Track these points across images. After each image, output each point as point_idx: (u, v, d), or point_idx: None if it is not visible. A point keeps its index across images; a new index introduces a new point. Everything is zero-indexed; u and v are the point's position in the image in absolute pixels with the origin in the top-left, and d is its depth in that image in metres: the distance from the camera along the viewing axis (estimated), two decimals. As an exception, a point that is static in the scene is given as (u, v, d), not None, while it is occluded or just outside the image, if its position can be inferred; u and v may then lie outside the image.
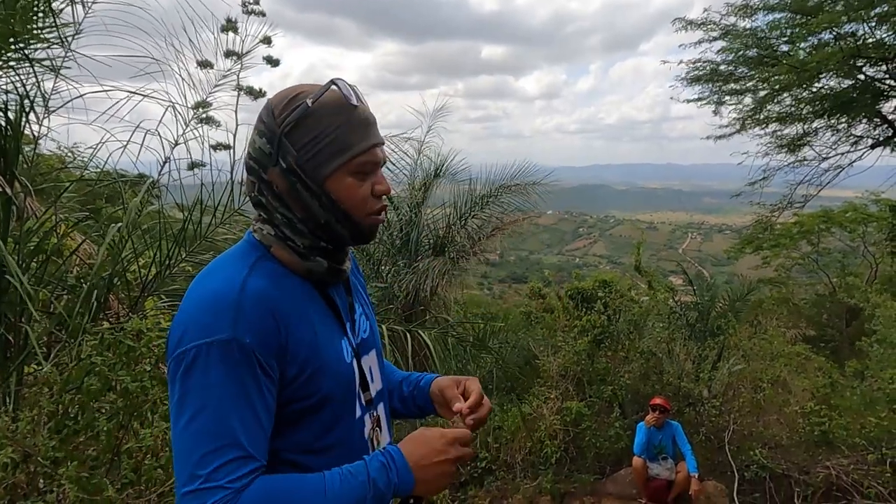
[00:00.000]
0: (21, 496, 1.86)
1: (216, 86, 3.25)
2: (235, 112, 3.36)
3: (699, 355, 6.70)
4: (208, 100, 3.33)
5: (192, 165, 3.32)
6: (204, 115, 3.35)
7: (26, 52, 2.57)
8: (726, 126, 10.89)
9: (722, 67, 10.03)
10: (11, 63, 2.53)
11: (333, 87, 1.01)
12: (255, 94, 3.60)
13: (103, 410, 2.03)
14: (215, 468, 0.84)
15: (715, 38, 9.76)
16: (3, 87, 2.54)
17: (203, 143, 3.28)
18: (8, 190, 2.25)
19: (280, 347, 0.93)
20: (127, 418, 2.01)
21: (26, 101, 2.47)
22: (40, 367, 2.51)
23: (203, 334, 0.88)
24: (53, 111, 2.58)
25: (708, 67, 10.12)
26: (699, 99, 10.79)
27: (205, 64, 3.36)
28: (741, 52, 9.50)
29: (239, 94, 3.43)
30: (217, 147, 3.44)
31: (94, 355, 1.93)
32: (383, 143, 1.07)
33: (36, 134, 2.64)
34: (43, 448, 1.88)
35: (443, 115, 7.07)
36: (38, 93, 2.53)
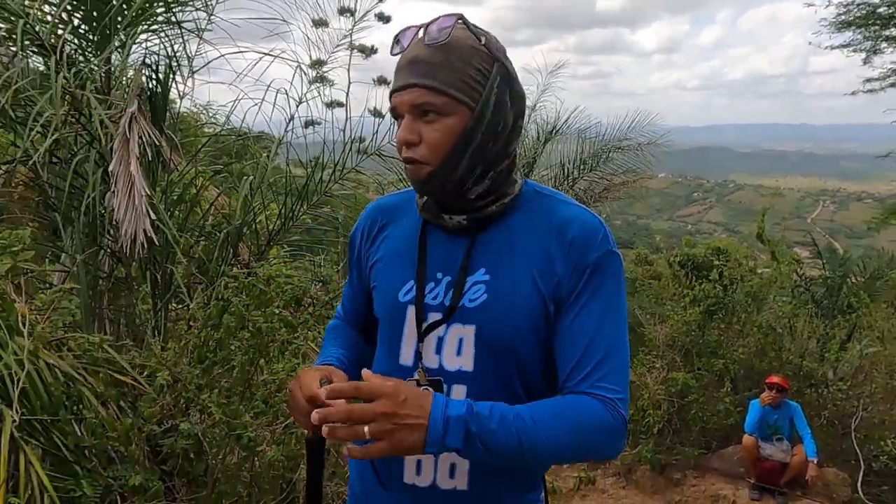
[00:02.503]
0: (168, 416, 2.12)
1: (338, 45, 3.35)
2: (348, 71, 3.45)
3: (825, 334, 6.17)
4: (328, 58, 3.45)
5: (308, 123, 3.47)
6: (321, 75, 3.47)
7: (174, 15, 2.78)
8: (879, 79, 9.59)
9: (882, 9, 8.77)
10: (162, 26, 2.76)
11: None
12: (367, 51, 3.65)
13: (237, 346, 2.25)
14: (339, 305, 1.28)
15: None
16: (154, 48, 2.79)
17: (320, 102, 3.42)
18: (161, 143, 2.49)
19: (364, 245, 1.15)
20: (257, 355, 2.21)
21: (173, 62, 2.69)
22: (183, 305, 2.81)
23: None
24: (196, 71, 2.80)
25: (864, 10, 8.89)
26: (848, 45, 9.54)
27: (320, 23, 3.44)
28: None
29: (352, 53, 3.49)
30: (331, 104, 3.55)
31: (231, 296, 2.12)
32: (407, 87, 0.95)
33: (180, 93, 2.88)
34: (189, 375, 2.12)
35: (556, 74, 6.84)
36: (185, 54, 2.75)
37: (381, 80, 3.48)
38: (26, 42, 2.53)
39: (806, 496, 4.45)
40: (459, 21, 0.95)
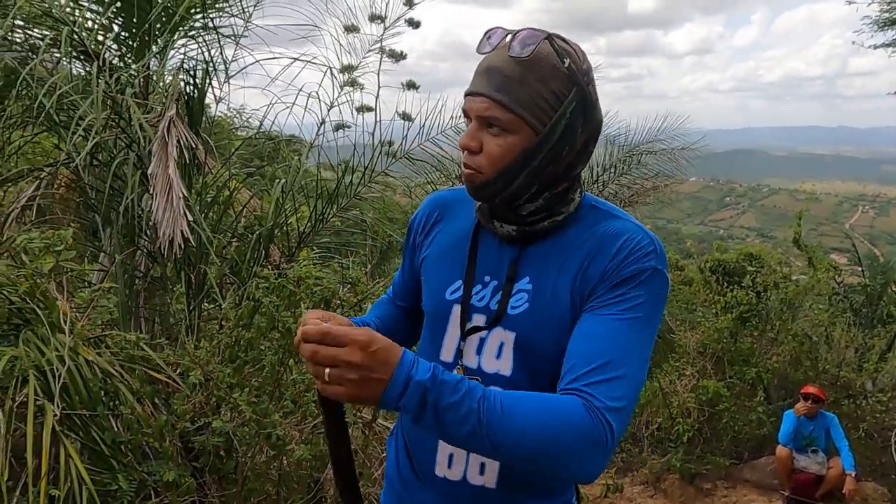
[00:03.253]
0: (201, 414, 2.17)
1: (369, 50, 3.39)
2: (378, 75, 3.48)
3: (864, 343, 5.99)
4: (359, 64, 3.49)
5: (338, 127, 3.51)
6: (352, 80, 3.51)
7: (212, 20, 2.85)
8: (923, 81, 9.25)
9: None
10: (199, 31, 2.82)
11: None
12: (397, 56, 3.67)
13: (267, 347, 2.29)
14: (391, 285, 1.32)
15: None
16: (192, 55, 2.86)
17: (351, 106, 3.46)
18: (198, 146, 2.55)
19: (420, 235, 1.17)
20: (287, 355, 2.24)
21: (210, 68, 2.76)
22: (215, 305, 2.87)
23: None
24: (232, 76, 2.86)
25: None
26: (892, 45, 9.22)
27: (351, 28, 3.48)
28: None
29: (382, 58, 3.52)
30: (361, 109, 3.58)
31: (262, 297, 2.16)
32: (478, 95, 0.94)
33: (217, 97, 2.95)
34: (220, 374, 2.16)
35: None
36: (221, 59, 2.82)
37: (410, 85, 3.50)
38: (69, 49, 2.62)
39: (843, 511, 4.32)
40: (546, 38, 0.93)
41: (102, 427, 1.81)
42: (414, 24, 3.50)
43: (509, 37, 0.94)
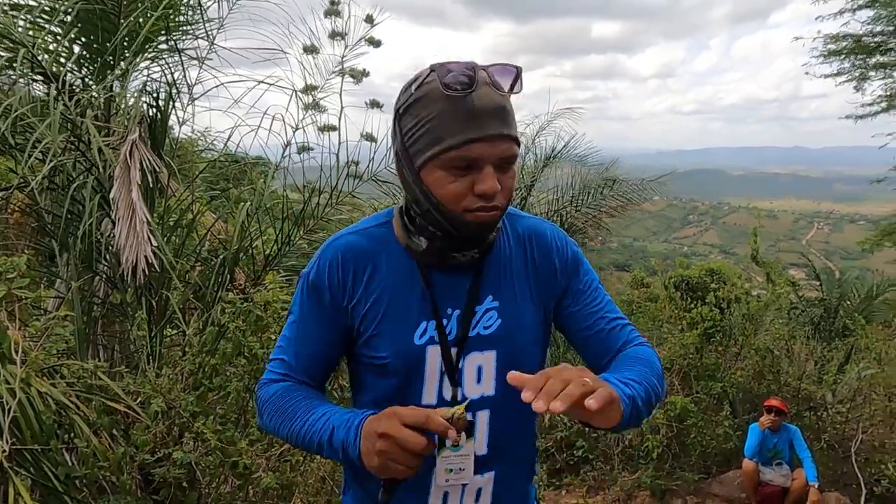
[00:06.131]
0: (162, 445, 2.10)
1: (333, 72, 3.40)
2: (340, 96, 3.48)
3: (823, 356, 6.16)
4: (323, 85, 3.49)
5: (302, 149, 3.49)
6: (316, 101, 3.51)
7: (175, 44, 2.83)
8: (870, 104, 9.75)
9: (866, 39, 8.98)
10: (163, 54, 2.80)
11: (432, 73, 0.95)
12: (358, 75, 3.65)
13: (232, 373, 2.24)
14: (272, 359, 1.13)
15: (860, 7, 8.72)
16: (155, 77, 2.83)
17: (316, 127, 3.45)
18: (161, 169, 2.50)
19: (342, 296, 1.05)
20: (253, 382, 2.20)
21: (174, 90, 2.73)
22: (178, 331, 2.80)
23: (307, 266, 1.11)
24: (196, 98, 2.83)
25: (849, 40, 9.09)
26: (838, 74, 9.73)
27: (310, 49, 3.46)
28: (894, 19, 8.42)
29: (343, 78, 3.52)
30: (324, 129, 3.56)
31: (228, 322, 2.12)
32: (498, 137, 0.94)
33: (180, 119, 2.91)
34: (183, 402, 2.10)
35: (567, 113, 6.93)
36: (185, 81, 2.79)
37: (374, 104, 3.51)
38: (27, 70, 2.56)
39: (808, 521, 4.39)
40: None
41: (55, 462, 1.74)
42: (375, 42, 3.52)
43: (497, 76, 0.96)
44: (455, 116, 0.92)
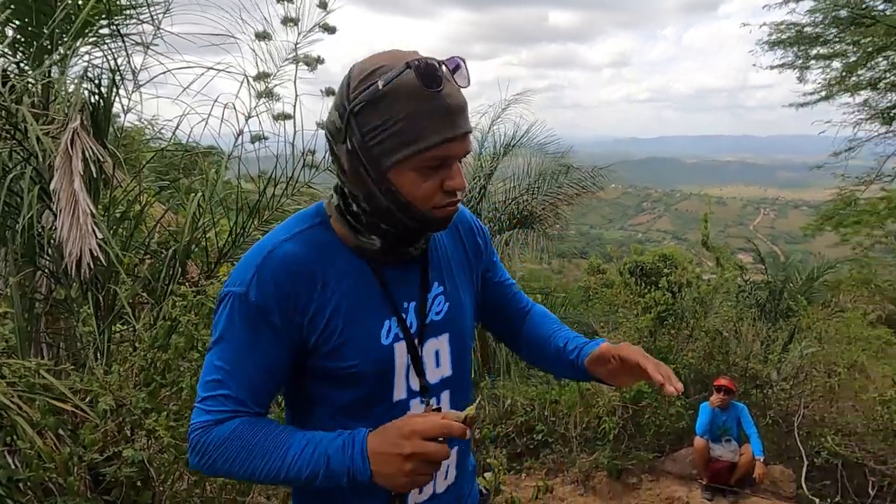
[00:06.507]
0: (112, 443, 2.04)
1: (286, 59, 3.32)
2: (294, 84, 3.41)
3: (769, 336, 6.45)
4: (277, 72, 3.41)
5: (256, 138, 3.40)
6: (270, 89, 3.42)
7: (118, 28, 2.71)
8: (811, 94, 10.16)
9: (808, 30, 9.33)
10: (105, 39, 2.68)
11: (408, 69, 0.90)
12: (312, 62, 3.57)
13: (185, 368, 2.18)
14: (209, 396, 0.98)
15: (803, -2, 9.03)
16: (97, 62, 2.70)
17: (270, 115, 3.37)
18: (105, 159, 2.40)
19: (293, 312, 0.97)
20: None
21: (117, 76, 2.61)
22: (128, 327, 2.71)
23: (231, 283, 0.99)
24: (142, 85, 2.72)
25: (793, 30, 9.43)
26: (782, 65, 10.09)
27: (263, 35, 3.37)
28: (832, 13, 8.77)
29: (297, 65, 3.44)
30: (279, 117, 3.48)
31: (179, 315, 2.06)
32: (466, 134, 0.95)
33: (125, 107, 2.80)
34: (133, 399, 2.04)
35: (521, 98, 6.98)
36: (129, 68, 2.68)
37: (330, 92, 3.44)
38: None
39: (755, 494, 4.61)
40: None
41: (-3, 465, 1.67)
42: (329, 29, 3.45)
43: (454, 66, 0.95)
44: (431, 115, 0.90)
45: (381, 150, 0.93)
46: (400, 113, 0.90)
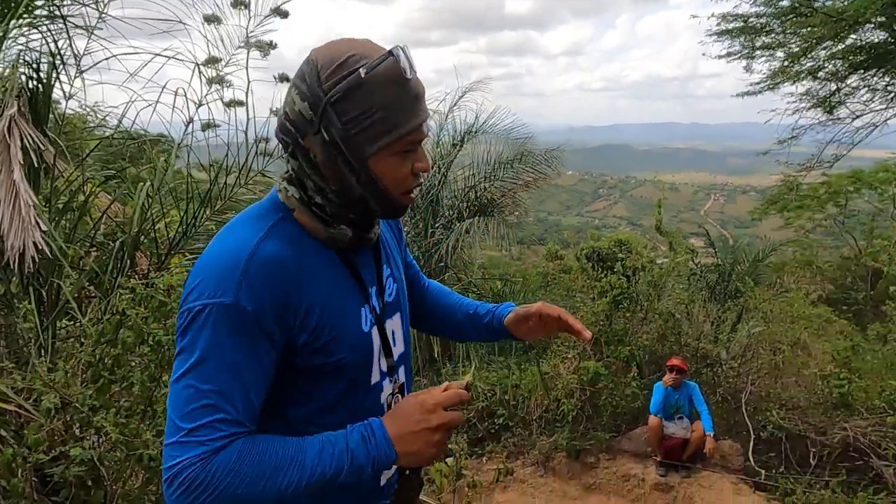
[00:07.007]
0: (59, 443, 1.96)
1: (239, 47, 3.22)
2: (247, 70, 3.32)
3: (718, 317, 6.69)
4: (229, 59, 3.31)
5: (207, 126, 3.31)
6: (221, 76, 3.32)
7: (58, 9, 2.57)
8: (757, 83, 10.52)
9: (753, 20, 9.64)
10: (43, 20, 2.54)
11: (391, 57, 0.92)
12: (265, 47, 3.48)
13: (136, 363, 2.12)
14: (200, 425, 0.86)
15: (750, -11, 9.30)
16: (35, 46, 2.57)
17: (222, 102, 3.28)
18: (46, 147, 2.29)
19: (287, 315, 0.93)
20: (158, 371, 2.09)
21: (57, 60, 2.49)
22: (73, 321, 2.61)
23: (209, 294, 0.89)
24: (85, 70, 2.60)
25: (739, 21, 9.72)
26: (729, 55, 10.41)
27: (212, 19, 3.26)
28: (774, 3, 9.07)
29: (249, 51, 3.35)
30: (231, 104, 3.39)
31: (127, 309, 2.00)
32: (427, 118, 1.00)
33: (67, 93, 2.67)
34: (80, 396, 1.97)
35: (478, 86, 6.99)
36: (70, 52, 2.55)
37: (283, 78, 3.36)
38: None
39: (706, 468, 4.81)
40: None
41: (-66, 469, 1.59)
42: (282, 14, 3.37)
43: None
44: (406, 100, 0.95)
45: (364, 138, 0.94)
46: (382, 101, 0.92)
